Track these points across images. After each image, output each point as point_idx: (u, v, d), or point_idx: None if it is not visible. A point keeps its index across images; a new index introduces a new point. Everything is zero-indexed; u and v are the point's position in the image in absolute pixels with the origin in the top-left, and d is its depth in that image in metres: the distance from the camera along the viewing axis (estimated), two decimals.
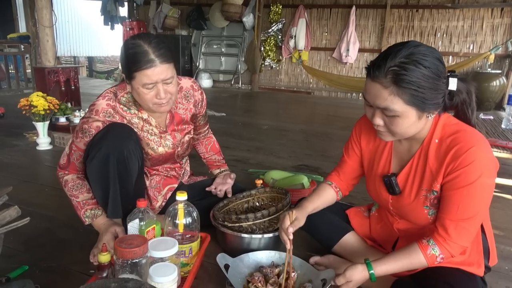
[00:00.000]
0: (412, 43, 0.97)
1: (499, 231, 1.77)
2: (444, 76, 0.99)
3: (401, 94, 0.95)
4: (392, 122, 1.01)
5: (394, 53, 0.96)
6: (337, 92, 6.82)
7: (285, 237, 1.18)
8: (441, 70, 0.97)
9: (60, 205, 1.84)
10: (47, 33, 3.41)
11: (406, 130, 1.02)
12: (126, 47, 1.31)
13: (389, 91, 0.96)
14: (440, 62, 0.97)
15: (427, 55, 0.95)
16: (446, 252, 1.02)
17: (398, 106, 0.96)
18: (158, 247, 1.13)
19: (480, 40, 5.92)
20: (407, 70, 0.93)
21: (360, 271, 1.06)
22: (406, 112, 0.98)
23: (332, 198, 1.34)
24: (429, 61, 0.94)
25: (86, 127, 1.37)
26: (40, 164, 2.61)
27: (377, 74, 0.96)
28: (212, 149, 1.82)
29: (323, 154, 3.03)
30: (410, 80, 0.93)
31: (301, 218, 1.22)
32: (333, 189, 1.34)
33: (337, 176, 1.36)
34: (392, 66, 0.94)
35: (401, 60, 0.94)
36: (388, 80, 0.95)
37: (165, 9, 7.33)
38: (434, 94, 0.97)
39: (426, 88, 0.95)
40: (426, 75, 0.94)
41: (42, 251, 1.47)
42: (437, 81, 0.96)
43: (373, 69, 0.98)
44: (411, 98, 0.95)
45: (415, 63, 0.94)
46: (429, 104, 0.98)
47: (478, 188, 0.98)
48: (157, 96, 1.32)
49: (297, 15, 6.73)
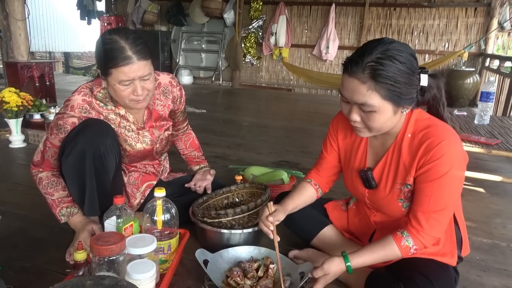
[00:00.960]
0: (386, 40, 0.99)
1: (471, 222, 1.84)
2: (417, 71, 1.02)
3: (378, 89, 0.97)
4: (369, 117, 1.03)
5: (370, 49, 0.98)
6: (317, 89, 6.87)
7: (265, 229, 1.20)
8: (414, 66, 1.00)
9: (35, 203, 1.79)
10: (20, 26, 3.29)
11: (382, 125, 1.04)
12: (102, 42, 1.28)
13: (367, 86, 0.98)
14: (414, 58, 1.00)
15: (402, 51, 0.98)
16: (419, 243, 1.05)
17: (376, 101, 0.99)
18: (136, 244, 1.12)
19: (455, 39, 6.08)
20: (384, 65, 0.95)
21: (337, 263, 1.08)
22: (383, 107, 1.00)
23: (312, 195, 1.36)
24: (404, 57, 0.97)
25: (61, 123, 1.33)
26: (13, 162, 2.53)
27: (355, 69, 0.98)
28: (192, 145, 1.81)
29: (303, 150, 3.06)
30: (387, 75, 0.96)
31: (281, 211, 1.24)
32: (313, 187, 1.36)
33: (316, 173, 1.37)
34: (370, 61, 0.96)
35: (378, 55, 0.96)
36: (365, 76, 0.97)
37: (144, 4, 7.19)
38: (409, 89, 1.00)
39: (402, 83, 0.97)
40: (401, 70, 0.97)
41: (15, 251, 1.42)
42: (411, 76, 0.99)
43: (351, 65, 0.99)
44: (388, 93, 0.97)
45: (391, 59, 0.96)
46: (404, 99, 1.00)
47: (449, 180, 1.01)
48: (134, 93, 1.30)
49: (278, 12, 6.74)
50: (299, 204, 1.32)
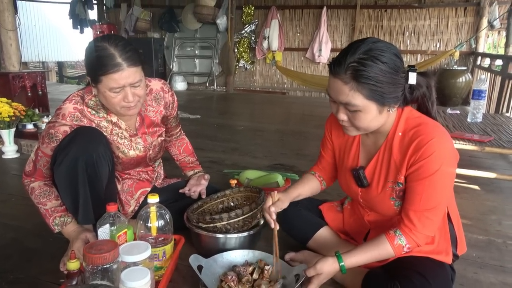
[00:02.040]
0: (370, 40, 1.00)
1: (467, 220, 1.84)
2: (402, 70, 1.02)
3: (360, 89, 0.98)
4: (354, 117, 1.04)
5: (353, 49, 0.99)
6: (311, 91, 6.90)
7: (268, 217, 1.21)
8: (398, 65, 1.00)
9: (28, 214, 1.77)
10: (10, 36, 3.28)
11: (368, 124, 1.05)
12: (91, 50, 1.27)
13: (349, 87, 0.99)
14: (397, 57, 1.01)
15: (385, 51, 0.98)
16: (412, 242, 1.05)
17: (359, 101, 0.99)
18: (130, 251, 1.10)
19: (446, 38, 6.14)
20: (366, 66, 0.96)
21: (331, 263, 1.08)
22: (367, 106, 1.01)
23: (317, 186, 1.38)
24: (386, 57, 0.98)
25: (53, 132, 1.32)
26: (6, 173, 2.51)
27: (338, 70, 1.00)
28: (185, 150, 1.80)
29: (298, 152, 3.06)
30: (368, 75, 0.96)
31: (284, 200, 1.25)
32: (317, 179, 1.38)
33: (318, 168, 1.39)
34: (352, 62, 0.97)
35: (360, 56, 0.97)
36: (348, 76, 0.98)
37: (136, 11, 7.20)
38: (392, 88, 1.00)
39: (384, 83, 0.98)
40: (383, 70, 0.97)
41: (8, 263, 1.41)
42: (394, 76, 1.00)
43: (334, 65, 1.01)
44: (371, 93, 0.98)
45: (373, 59, 0.97)
46: (388, 98, 1.01)
47: (439, 178, 1.01)
48: (125, 100, 1.30)
49: (270, 16, 6.77)
50: (302, 193, 1.34)
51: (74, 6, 7.57)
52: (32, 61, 9.68)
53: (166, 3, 7.39)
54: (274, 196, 1.23)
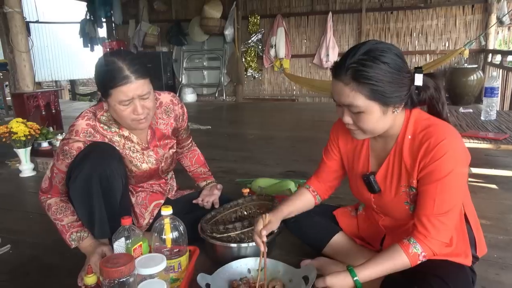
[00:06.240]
0: (371, 42, 1.01)
1: (486, 220, 1.80)
2: (405, 71, 1.01)
3: (361, 89, 0.98)
4: (359, 119, 1.03)
5: (354, 51, 0.99)
6: (321, 97, 6.89)
7: (258, 240, 1.19)
8: (400, 65, 1.00)
9: (46, 230, 1.80)
10: (24, 58, 3.38)
11: (374, 126, 1.04)
12: (100, 65, 1.31)
13: (350, 88, 0.99)
14: (399, 58, 1.00)
15: (385, 51, 0.98)
16: (427, 249, 1.01)
17: (361, 101, 0.99)
18: (146, 264, 1.11)
19: (454, 37, 6.07)
20: (365, 66, 0.96)
21: (342, 278, 1.03)
22: (370, 107, 1.00)
23: (309, 201, 1.35)
24: (387, 57, 0.97)
25: (67, 149, 1.35)
26: (24, 191, 2.56)
27: (338, 72, 1.00)
28: (197, 161, 1.82)
29: (310, 158, 3.04)
30: (367, 75, 0.96)
31: (274, 221, 1.23)
32: (311, 193, 1.35)
33: (316, 179, 1.37)
34: (351, 63, 0.98)
35: (360, 57, 0.98)
36: (348, 77, 0.99)
37: (144, 27, 7.34)
38: (394, 88, 0.99)
39: (385, 82, 0.97)
40: (384, 69, 0.97)
41: (28, 279, 1.43)
42: (396, 75, 0.99)
43: (335, 68, 1.02)
44: (371, 93, 0.98)
45: (373, 59, 0.97)
46: (390, 98, 1.00)
47: (452, 180, 0.99)
48: (134, 112, 1.32)
49: (276, 25, 6.81)
50: (293, 210, 1.31)
51: (84, 25, 7.76)
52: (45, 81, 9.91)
53: (173, 17, 7.51)
54: (265, 219, 1.21)
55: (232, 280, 1.27)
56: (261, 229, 1.18)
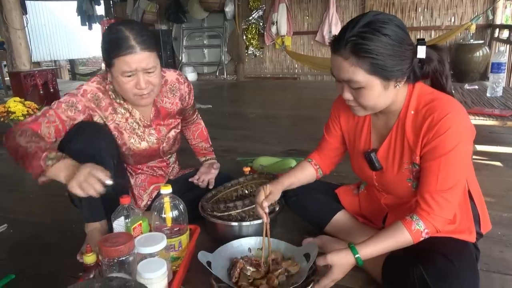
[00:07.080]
0: (371, 13, 0.95)
1: (490, 197, 1.78)
2: (407, 43, 0.96)
3: (361, 63, 0.93)
4: (359, 94, 0.99)
5: (353, 24, 0.94)
6: (323, 75, 6.77)
7: (260, 211, 1.17)
8: (402, 37, 0.95)
9: (46, 210, 1.80)
10: (19, 35, 3.32)
11: (375, 101, 1.00)
12: (107, 33, 1.28)
13: (349, 62, 0.94)
14: (401, 29, 0.95)
15: (386, 23, 0.93)
16: (430, 226, 0.99)
17: (361, 76, 0.95)
18: (146, 243, 1.10)
19: (461, 12, 5.91)
20: (365, 39, 0.92)
21: (344, 255, 1.02)
22: (370, 82, 0.96)
23: (311, 174, 1.32)
24: (388, 28, 0.92)
25: (74, 101, 1.30)
26: (24, 172, 2.54)
27: (337, 47, 0.96)
28: (200, 135, 1.79)
29: (312, 137, 3.00)
30: (367, 48, 0.92)
31: (275, 192, 1.21)
32: (313, 166, 1.32)
33: (317, 154, 1.34)
34: (350, 36, 0.93)
35: (359, 30, 0.93)
36: (347, 51, 0.94)
37: (143, 4, 7.17)
38: (396, 61, 0.94)
39: (386, 55, 0.93)
40: (385, 42, 0.92)
41: (28, 258, 1.43)
42: (398, 48, 0.94)
43: (334, 42, 0.97)
44: (371, 67, 0.93)
45: (373, 31, 0.92)
46: (392, 72, 0.95)
47: (457, 155, 0.96)
48: (137, 86, 1.27)
49: (277, 1, 6.64)
50: (294, 182, 1.28)
51: (81, 2, 7.60)
52: (44, 61, 9.79)
53: None
54: (266, 190, 1.19)
55: (233, 258, 1.26)
56: (263, 200, 1.17)
